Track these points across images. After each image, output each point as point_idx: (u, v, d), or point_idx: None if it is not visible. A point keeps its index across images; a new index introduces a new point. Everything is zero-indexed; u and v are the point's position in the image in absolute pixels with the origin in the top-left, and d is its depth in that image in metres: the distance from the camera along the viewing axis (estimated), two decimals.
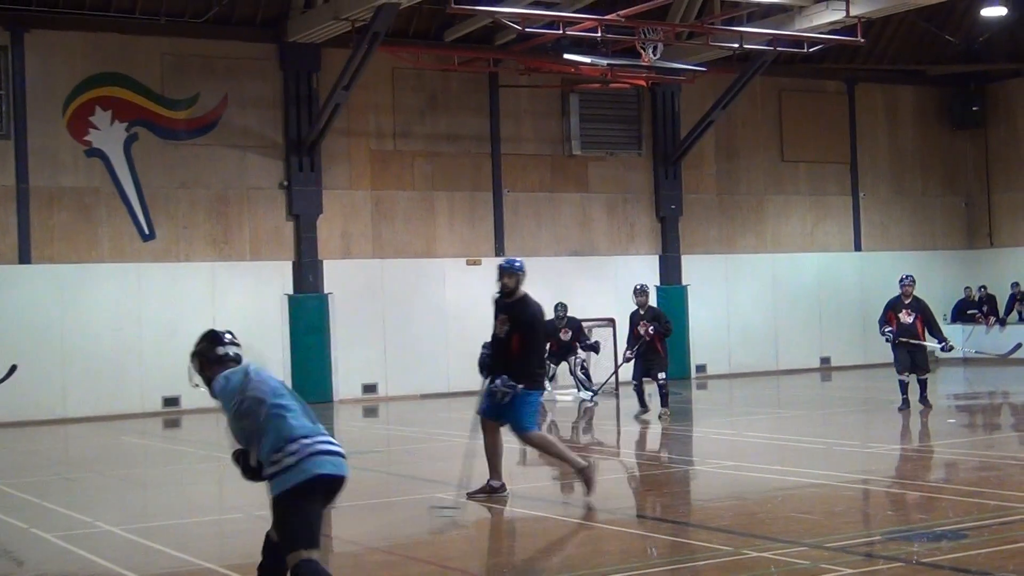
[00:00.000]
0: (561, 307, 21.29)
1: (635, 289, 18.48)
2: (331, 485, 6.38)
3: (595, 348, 21.20)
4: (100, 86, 21.25)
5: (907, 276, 17.68)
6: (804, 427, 17.07)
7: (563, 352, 21.25)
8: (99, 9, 21.28)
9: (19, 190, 20.72)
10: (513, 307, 10.83)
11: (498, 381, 10.56)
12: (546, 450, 11.15)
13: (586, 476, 10.65)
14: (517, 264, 11.10)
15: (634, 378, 18.36)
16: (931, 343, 17.42)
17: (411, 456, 15.26)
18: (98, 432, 18.34)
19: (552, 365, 20.91)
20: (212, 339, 6.67)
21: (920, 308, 17.26)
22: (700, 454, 14.45)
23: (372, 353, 22.73)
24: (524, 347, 10.66)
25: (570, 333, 21.20)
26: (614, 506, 10.78)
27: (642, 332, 17.92)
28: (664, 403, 17.76)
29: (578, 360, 21.34)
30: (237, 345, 6.72)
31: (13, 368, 16.40)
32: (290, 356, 22.26)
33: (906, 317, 17.18)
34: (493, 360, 10.75)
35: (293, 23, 22.05)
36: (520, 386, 10.53)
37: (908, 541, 8.32)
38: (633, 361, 18.23)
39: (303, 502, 6.30)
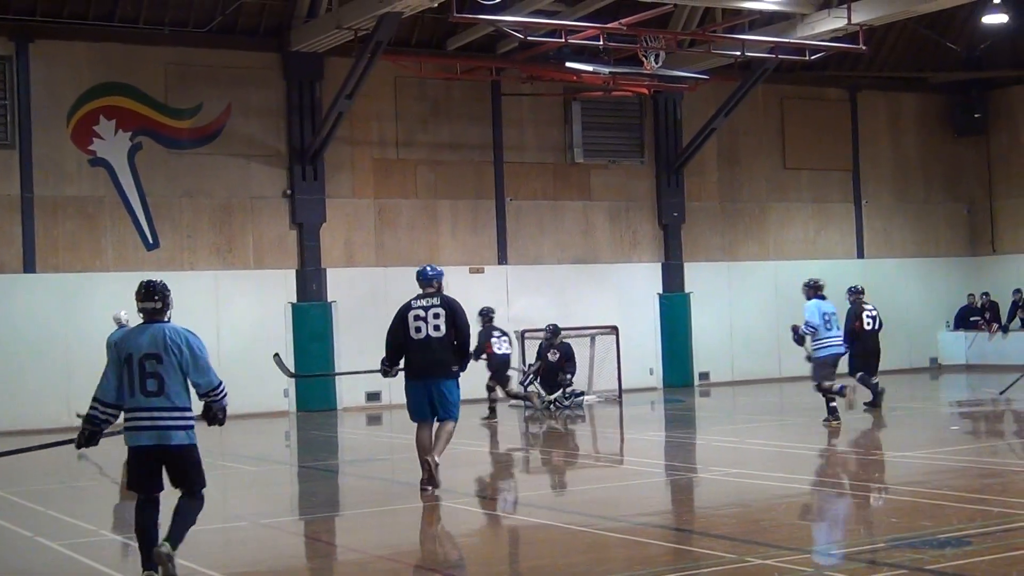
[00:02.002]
0: (550, 328, 21.16)
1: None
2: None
3: (569, 383, 21.38)
4: (104, 96, 21.31)
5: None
6: (807, 434, 17.07)
7: (551, 372, 21.14)
8: (103, 19, 21.34)
9: (23, 199, 20.78)
10: None
11: None
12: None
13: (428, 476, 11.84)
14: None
15: None
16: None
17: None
18: (103, 441, 18.33)
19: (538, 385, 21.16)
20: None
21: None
22: (703, 461, 14.46)
23: (375, 361, 22.48)
24: None
25: (558, 355, 21.12)
26: (618, 513, 10.80)
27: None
28: None
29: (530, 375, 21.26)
30: (148, 300, 8.31)
31: None
32: (294, 364, 22.28)
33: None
34: None
35: (296, 32, 22.11)
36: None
37: (912, 548, 8.32)
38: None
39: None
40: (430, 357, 11.84)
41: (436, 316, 11.89)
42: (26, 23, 20.88)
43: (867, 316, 18.76)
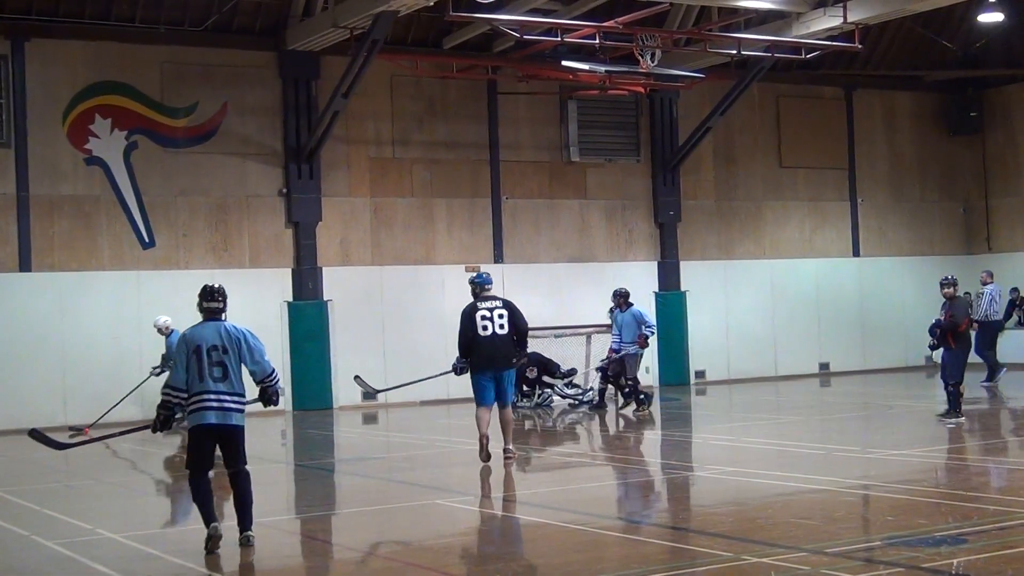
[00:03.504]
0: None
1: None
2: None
3: (571, 374, 21.71)
4: (100, 94, 21.29)
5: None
6: (803, 432, 17.11)
7: (538, 385, 21.48)
8: (99, 18, 21.32)
9: (19, 198, 20.75)
10: None
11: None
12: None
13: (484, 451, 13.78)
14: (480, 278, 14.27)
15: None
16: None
17: (410, 462, 15.29)
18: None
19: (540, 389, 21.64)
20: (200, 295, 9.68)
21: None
22: (699, 460, 14.48)
23: (372, 360, 22.73)
24: None
25: (535, 369, 21.37)
26: (614, 512, 10.82)
27: None
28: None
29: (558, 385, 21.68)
30: (213, 301, 9.65)
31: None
32: (290, 363, 22.28)
33: None
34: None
35: (292, 31, 22.10)
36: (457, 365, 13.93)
37: (908, 546, 8.34)
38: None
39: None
40: (496, 351, 13.66)
41: (500, 316, 13.75)
42: (22, 22, 20.86)
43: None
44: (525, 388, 21.65)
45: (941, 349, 16.71)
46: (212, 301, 9.62)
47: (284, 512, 12.08)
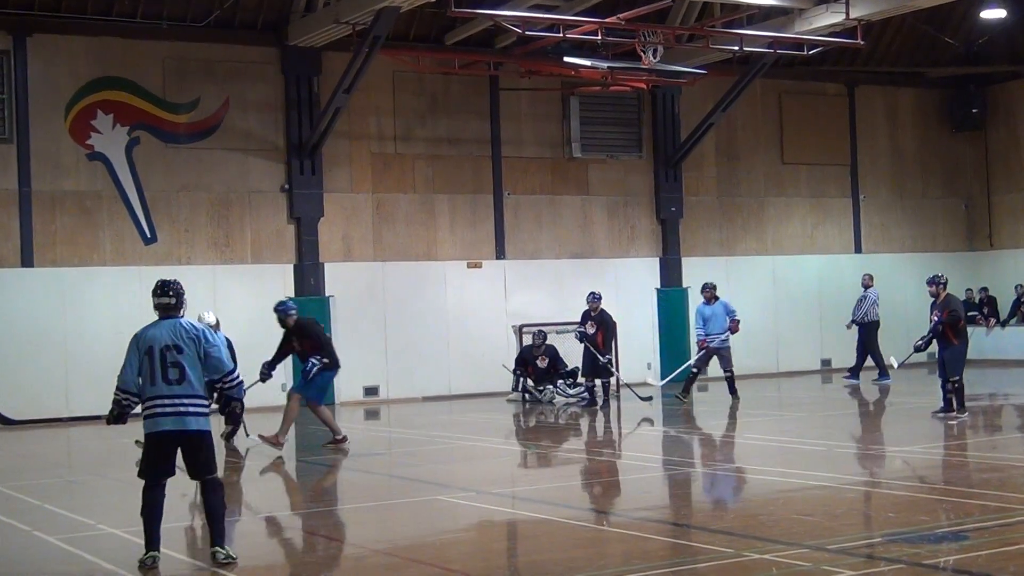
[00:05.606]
0: (539, 335, 21.80)
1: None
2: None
3: (574, 374, 21.54)
4: (102, 90, 21.30)
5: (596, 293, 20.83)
6: (805, 429, 17.10)
7: (542, 378, 21.51)
8: (101, 13, 21.33)
9: (21, 194, 20.77)
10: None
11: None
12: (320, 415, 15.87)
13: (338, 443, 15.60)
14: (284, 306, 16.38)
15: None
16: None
17: (412, 458, 15.30)
18: (100, 434, 18.34)
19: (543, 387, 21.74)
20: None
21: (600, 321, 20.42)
22: (701, 456, 14.48)
23: (373, 356, 22.76)
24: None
25: (547, 360, 21.46)
26: (616, 508, 10.82)
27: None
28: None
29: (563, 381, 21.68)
30: (164, 296, 8.81)
31: None
32: (291, 358, 22.26)
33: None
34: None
35: (294, 27, 22.11)
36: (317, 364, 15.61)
37: (909, 543, 8.35)
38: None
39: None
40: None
41: None
42: (24, 17, 20.87)
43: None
44: (531, 382, 21.65)
45: (936, 346, 16.73)
46: (163, 296, 8.79)
47: (286, 508, 12.09)
